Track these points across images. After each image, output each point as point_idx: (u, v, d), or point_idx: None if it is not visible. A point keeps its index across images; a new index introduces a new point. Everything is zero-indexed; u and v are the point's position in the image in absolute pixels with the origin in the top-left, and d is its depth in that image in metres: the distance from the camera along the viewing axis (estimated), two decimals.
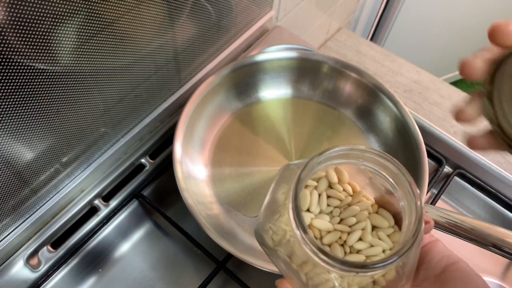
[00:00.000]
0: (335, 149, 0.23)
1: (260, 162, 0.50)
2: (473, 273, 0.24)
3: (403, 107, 0.49)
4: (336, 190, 0.26)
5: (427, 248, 0.26)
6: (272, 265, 0.40)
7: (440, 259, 0.25)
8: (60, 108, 0.37)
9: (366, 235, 0.24)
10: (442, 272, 0.25)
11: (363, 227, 0.25)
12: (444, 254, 0.25)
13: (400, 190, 0.23)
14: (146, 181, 0.50)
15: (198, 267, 0.47)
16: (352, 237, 0.24)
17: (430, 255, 0.25)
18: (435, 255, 0.25)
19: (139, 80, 0.45)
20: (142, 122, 0.50)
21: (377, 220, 0.25)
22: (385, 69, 0.77)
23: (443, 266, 0.25)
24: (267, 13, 0.61)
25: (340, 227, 0.25)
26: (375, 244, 0.24)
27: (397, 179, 0.23)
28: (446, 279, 0.24)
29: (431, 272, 0.25)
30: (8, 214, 0.40)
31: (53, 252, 0.45)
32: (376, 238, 0.25)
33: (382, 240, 0.25)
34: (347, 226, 0.25)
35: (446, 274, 0.24)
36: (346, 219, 0.25)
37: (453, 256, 0.25)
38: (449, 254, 0.25)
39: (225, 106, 0.53)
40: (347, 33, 0.86)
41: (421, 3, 1.08)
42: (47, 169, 0.41)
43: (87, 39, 0.35)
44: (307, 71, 0.54)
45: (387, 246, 0.24)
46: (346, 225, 0.25)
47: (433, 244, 0.26)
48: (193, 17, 0.46)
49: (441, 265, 0.25)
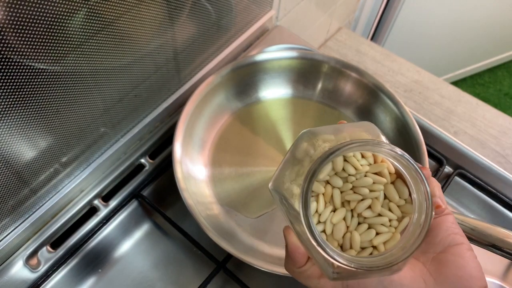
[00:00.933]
0: (352, 145, 0.23)
1: (260, 162, 0.50)
2: (471, 260, 0.24)
3: (403, 107, 0.49)
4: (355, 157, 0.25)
5: (436, 222, 0.25)
6: (272, 266, 0.40)
7: (445, 237, 0.25)
8: (59, 108, 0.37)
9: (376, 204, 0.25)
10: (442, 252, 0.24)
11: (376, 196, 0.25)
12: (451, 233, 0.25)
13: (416, 191, 0.24)
14: (146, 181, 0.50)
15: (198, 267, 0.47)
16: (361, 205, 0.25)
17: (437, 230, 0.25)
18: (441, 231, 0.25)
19: (139, 80, 0.45)
20: (141, 122, 0.50)
21: (390, 191, 0.25)
22: (385, 69, 0.77)
23: (445, 245, 0.24)
24: (267, 13, 0.61)
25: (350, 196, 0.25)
26: (383, 214, 0.25)
27: (412, 177, 0.24)
28: (442, 260, 0.24)
29: (432, 248, 0.25)
30: (8, 214, 0.40)
31: (52, 252, 0.45)
32: (386, 209, 0.25)
33: (392, 211, 0.25)
34: (359, 194, 0.25)
35: (445, 256, 0.24)
36: (358, 188, 0.25)
37: (458, 237, 0.25)
38: (455, 233, 0.25)
39: (225, 106, 0.53)
40: (347, 33, 0.85)
41: (421, 3, 1.08)
42: (46, 169, 0.41)
43: (87, 38, 0.35)
44: (307, 71, 0.54)
45: (394, 217, 0.25)
46: (358, 194, 0.25)
47: (443, 219, 0.25)
48: (193, 16, 0.46)
49: (444, 243, 0.24)
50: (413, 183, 0.24)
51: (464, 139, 0.65)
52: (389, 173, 0.25)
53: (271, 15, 0.61)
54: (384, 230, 0.25)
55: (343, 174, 0.25)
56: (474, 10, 1.22)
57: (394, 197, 0.25)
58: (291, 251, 0.26)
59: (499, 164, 0.52)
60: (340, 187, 0.25)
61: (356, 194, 0.25)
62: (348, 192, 0.25)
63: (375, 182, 0.25)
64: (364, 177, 0.25)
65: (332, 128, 0.26)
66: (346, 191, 0.25)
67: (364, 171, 0.25)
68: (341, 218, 0.25)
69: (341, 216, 0.25)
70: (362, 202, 0.25)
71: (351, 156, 0.25)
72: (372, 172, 0.25)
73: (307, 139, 0.26)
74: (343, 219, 0.25)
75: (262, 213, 0.47)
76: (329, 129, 0.26)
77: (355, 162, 0.25)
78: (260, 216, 0.47)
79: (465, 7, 1.19)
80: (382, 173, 0.25)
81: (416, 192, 0.24)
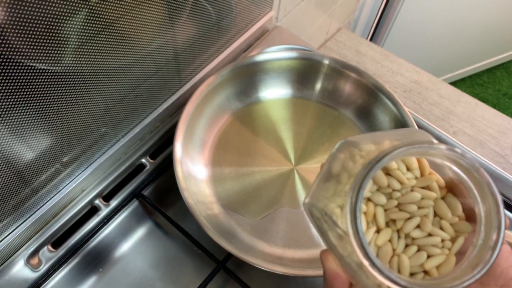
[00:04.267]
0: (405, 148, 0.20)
1: (260, 162, 0.51)
2: None
3: (402, 107, 0.50)
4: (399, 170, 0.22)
5: None
6: (272, 265, 0.40)
7: (507, 268, 0.22)
8: (60, 108, 0.37)
9: (426, 222, 0.21)
10: (503, 286, 0.22)
11: (425, 213, 0.22)
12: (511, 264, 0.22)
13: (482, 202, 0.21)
14: (147, 181, 0.50)
15: (198, 267, 0.47)
16: (409, 224, 0.21)
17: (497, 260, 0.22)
18: (501, 262, 0.22)
19: (140, 80, 0.45)
20: (142, 122, 0.50)
21: (441, 208, 0.22)
22: (384, 69, 0.77)
23: (508, 277, 0.22)
24: (267, 14, 0.61)
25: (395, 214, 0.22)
26: (435, 234, 0.21)
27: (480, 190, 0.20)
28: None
29: (492, 280, 0.22)
30: (9, 214, 0.40)
31: (53, 252, 0.45)
32: (437, 227, 0.22)
33: (444, 229, 0.22)
34: (406, 212, 0.22)
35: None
36: (404, 205, 0.22)
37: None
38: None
39: (225, 106, 0.53)
40: (346, 33, 0.86)
41: (421, 3, 1.08)
42: (47, 169, 0.42)
43: (88, 39, 0.35)
44: (307, 71, 0.55)
45: (447, 237, 0.22)
46: (405, 211, 0.22)
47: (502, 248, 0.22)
48: (193, 17, 0.46)
49: (506, 276, 0.22)
50: (478, 193, 0.20)
51: (463, 139, 0.65)
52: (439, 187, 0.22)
53: (271, 15, 0.61)
54: (436, 252, 0.21)
55: (386, 190, 0.22)
56: (473, 10, 1.22)
57: (446, 214, 0.22)
58: (330, 278, 0.23)
59: (498, 164, 0.52)
60: (384, 204, 0.22)
61: (403, 211, 0.22)
62: (393, 210, 0.22)
63: (423, 197, 0.22)
64: (411, 192, 0.22)
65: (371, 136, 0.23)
66: (391, 208, 0.22)
67: (411, 185, 0.22)
68: (386, 239, 0.22)
69: (386, 238, 0.22)
70: (410, 220, 0.22)
71: (395, 169, 0.22)
72: (419, 187, 0.22)
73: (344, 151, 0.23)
74: (388, 241, 0.22)
75: (265, 215, 0.47)
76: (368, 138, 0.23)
77: (400, 176, 0.22)
78: (263, 218, 0.47)
79: (464, 8, 1.20)
80: (430, 187, 0.22)
81: (482, 203, 0.20)
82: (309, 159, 0.51)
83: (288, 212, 0.47)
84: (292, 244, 0.46)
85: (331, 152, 0.24)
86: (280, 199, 0.48)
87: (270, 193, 0.49)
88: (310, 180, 0.50)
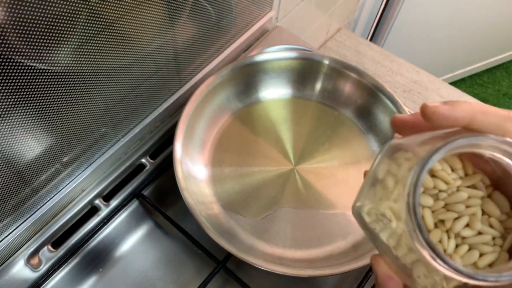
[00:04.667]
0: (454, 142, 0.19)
1: (260, 162, 0.51)
2: None
3: (402, 107, 0.50)
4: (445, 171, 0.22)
5: None
6: (272, 265, 0.41)
7: None
8: (60, 108, 0.37)
9: (475, 221, 0.21)
10: None
11: (473, 212, 0.22)
12: None
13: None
14: (147, 181, 0.50)
15: (198, 267, 0.47)
16: (458, 224, 0.21)
17: None
18: None
19: (140, 80, 0.45)
20: (142, 122, 0.50)
21: (489, 206, 0.22)
22: (384, 69, 0.77)
23: None
24: (267, 14, 0.61)
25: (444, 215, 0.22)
26: (485, 232, 0.22)
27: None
28: None
29: None
30: (9, 214, 0.41)
31: (53, 252, 0.45)
32: (486, 225, 0.22)
33: (494, 227, 0.22)
34: (454, 212, 0.22)
35: None
36: (452, 205, 0.22)
37: None
38: None
39: (225, 106, 0.53)
40: (346, 33, 0.86)
41: (421, 3, 1.08)
42: (47, 169, 0.42)
43: (88, 39, 0.35)
44: (306, 71, 0.55)
45: (497, 234, 0.22)
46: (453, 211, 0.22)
47: None
48: (193, 17, 0.46)
49: None
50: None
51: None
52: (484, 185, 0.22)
53: (271, 15, 0.61)
54: (488, 250, 0.21)
55: (432, 192, 0.22)
56: (473, 10, 1.22)
57: (495, 212, 0.22)
58: (383, 282, 0.22)
59: None
60: (431, 206, 0.22)
61: (450, 211, 0.22)
62: (440, 211, 0.22)
63: (470, 196, 0.22)
64: (457, 191, 0.22)
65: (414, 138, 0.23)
66: (438, 209, 0.22)
67: (456, 185, 0.22)
68: (437, 241, 0.22)
69: (436, 239, 0.22)
70: (458, 220, 0.21)
71: (440, 170, 0.22)
72: (464, 186, 0.22)
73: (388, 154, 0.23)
74: (439, 242, 0.22)
75: (265, 215, 0.47)
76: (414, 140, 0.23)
77: (446, 176, 0.22)
78: (263, 218, 0.47)
79: (464, 8, 1.20)
80: (476, 186, 0.22)
81: None
82: (309, 159, 0.51)
83: (288, 212, 0.48)
84: (292, 244, 0.46)
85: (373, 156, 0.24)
86: (280, 199, 0.48)
87: (270, 193, 0.49)
88: (310, 180, 0.50)
